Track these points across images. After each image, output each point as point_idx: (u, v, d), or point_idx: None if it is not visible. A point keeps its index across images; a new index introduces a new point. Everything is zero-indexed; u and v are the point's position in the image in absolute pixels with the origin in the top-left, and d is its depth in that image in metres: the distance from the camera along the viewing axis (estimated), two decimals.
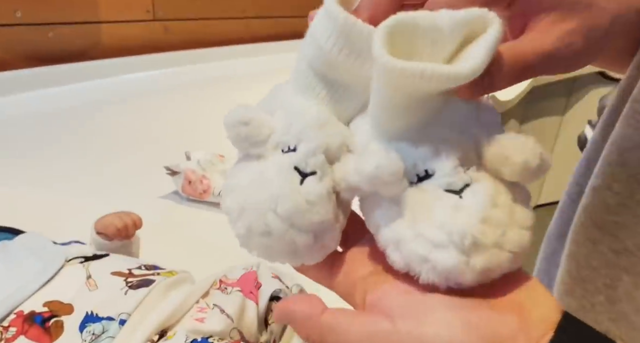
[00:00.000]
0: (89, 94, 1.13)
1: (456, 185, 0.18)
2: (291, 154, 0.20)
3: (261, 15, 1.76)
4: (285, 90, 0.23)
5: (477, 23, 0.17)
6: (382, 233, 0.19)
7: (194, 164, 0.71)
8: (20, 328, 0.37)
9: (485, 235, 0.17)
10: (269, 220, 0.19)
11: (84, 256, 0.44)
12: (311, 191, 0.19)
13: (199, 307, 0.40)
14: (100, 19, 1.25)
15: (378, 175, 0.18)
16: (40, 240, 0.46)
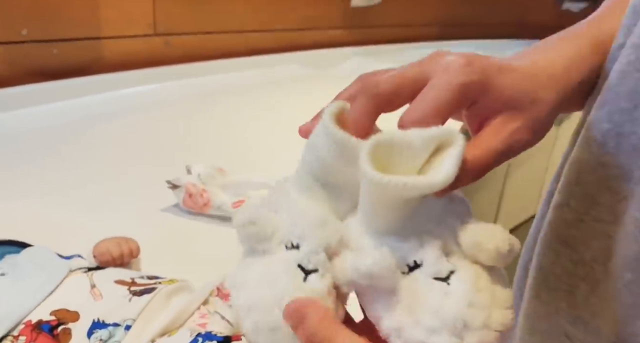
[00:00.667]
0: (92, 108, 1.16)
1: (442, 273, 0.21)
2: (294, 251, 0.24)
3: (260, 29, 1.80)
4: (288, 190, 0.26)
5: (443, 138, 0.21)
6: (384, 323, 0.22)
7: (195, 178, 0.73)
8: (29, 337, 0.39)
9: (474, 318, 0.20)
10: (276, 316, 0.22)
11: (87, 267, 0.46)
12: (314, 288, 0.22)
13: (201, 313, 0.42)
14: (102, 35, 1.29)
15: (374, 272, 0.21)
16: (45, 252, 0.48)
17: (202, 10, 1.55)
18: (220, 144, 1.05)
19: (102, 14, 1.26)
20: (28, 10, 1.09)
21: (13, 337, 0.39)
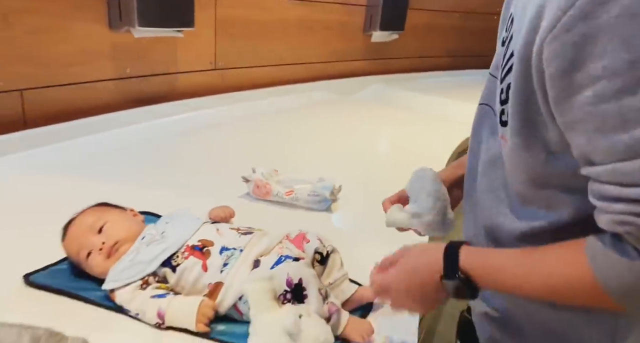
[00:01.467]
0: (174, 125, 1.52)
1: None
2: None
3: (295, 62, 2.16)
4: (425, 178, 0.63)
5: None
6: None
7: (260, 175, 1.07)
8: (189, 253, 0.71)
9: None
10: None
11: (210, 222, 0.79)
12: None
13: (280, 246, 0.73)
14: (177, 70, 1.66)
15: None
16: (187, 212, 0.81)
17: (250, 50, 1.92)
18: (271, 152, 1.40)
19: (178, 55, 1.64)
20: (130, 54, 1.48)
21: (180, 253, 0.71)
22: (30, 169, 1.11)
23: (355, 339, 0.62)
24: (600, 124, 0.36)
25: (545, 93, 0.39)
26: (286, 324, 0.56)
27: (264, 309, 0.59)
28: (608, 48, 0.34)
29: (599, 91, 0.35)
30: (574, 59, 0.36)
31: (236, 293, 0.64)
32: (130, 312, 0.64)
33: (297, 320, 0.57)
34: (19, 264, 0.71)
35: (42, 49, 1.23)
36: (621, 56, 0.34)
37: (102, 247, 0.70)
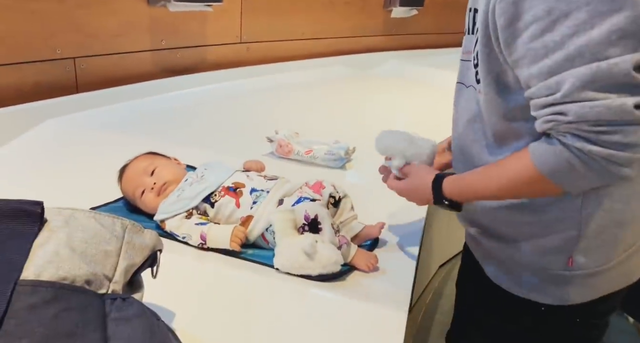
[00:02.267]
0: (203, 95, 1.66)
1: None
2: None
3: (316, 37, 2.26)
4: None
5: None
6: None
7: (282, 136, 1.20)
8: (225, 192, 0.85)
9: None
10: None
11: (242, 170, 0.93)
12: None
13: (300, 190, 0.86)
14: (207, 43, 1.79)
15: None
16: (221, 163, 0.95)
17: (273, 24, 2.03)
18: (290, 119, 1.53)
19: (208, 29, 1.77)
20: (165, 27, 1.61)
21: (217, 192, 0.85)
22: (82, 128, 1.28)
23: (362, 267, 0.73)
24: (533, 56, 0.50)
25: (499, 42, 0.54)
26: (304, 245, 0.69)
27: (286, 235, 0.72)
28: (534, 3, 0.49)
29: (530, 32, 0.50)
30: (514, 12, 0.51)
31: (264, 224, 0.78)
32: (178, 236, 0.79)
33: (313, 243, 0.69)
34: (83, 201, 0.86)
35: (91, 21, 1.37)
36: (541, 7, 0.48)
37: (153, 187, 0.84)
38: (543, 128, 0.52)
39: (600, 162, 0.50)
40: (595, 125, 0.48)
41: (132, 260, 0.48)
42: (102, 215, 0.50)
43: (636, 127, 0.48)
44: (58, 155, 1.13)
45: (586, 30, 0.46)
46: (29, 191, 0.94)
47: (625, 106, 0.46)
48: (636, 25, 0.46)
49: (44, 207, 0.44)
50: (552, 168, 0.52)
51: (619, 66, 0.46)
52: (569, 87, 0.48)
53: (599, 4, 0.46)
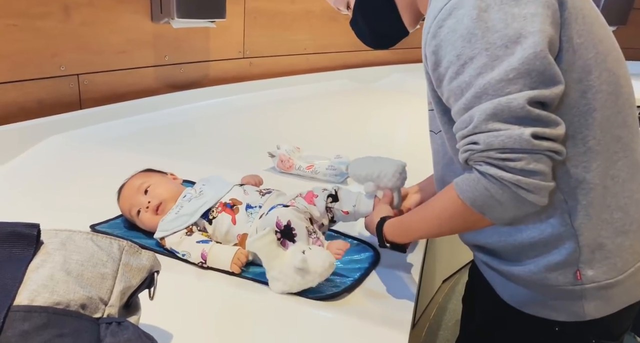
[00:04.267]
0: (205, 109, 1.67)
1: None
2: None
3: (318, 52, 2.27)
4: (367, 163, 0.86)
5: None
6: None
7: (284, 151, 1.20)
8: (222, 209, 0.85)
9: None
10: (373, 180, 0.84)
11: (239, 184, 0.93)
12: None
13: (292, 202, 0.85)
14: (210, 58, 1.81)
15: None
16: (220, 177, 0.95)
17: (276, 40, 2.05)
18: (293, 133, 1.53)
19: (211, 44, 1.79)
20: (169, 43, 1.63)
21: (214, 208, 0.85)
22: (85, 144, 1.29)
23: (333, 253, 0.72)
24: (454, 95, 0.58)
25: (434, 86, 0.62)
26: (295, 264, 0.68)
27: (272, 257, 0.71)
28: (447, 51, 0.57)
29: (449, 75, 0.57)
30: (435, 59, 0.59)
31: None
32: (178, 253, 0.79)
33: (302, 256, 0.68)
34: (85, 218, 0.87)
35: (95, 38, 1.39)
36: (453, 53, 0.56)
37: (148, 205, 0.84)
38: (462, 157, 0.58)
39: (511, 188, 0.54)
40: (502, 153, 0.54)
41: (129, 282, 0.47)
42: (99, 237, 0.50)
43: (537, 156, 0.53)
44: (61, 172, 1.13)
45: (487, 71, 0.54)
46: (31, 208, 0.95)
47: (523, 135, 0.52)
48: (527, 66, 0.53)
49: (40, 229, 0.44)
50: (472, 196, 0.58)
51: (517, 101, 0.52)
52: (477, 120, 0.54)
53: (496, 50, 0.53)
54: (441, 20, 0.56)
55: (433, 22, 0.57)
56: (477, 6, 0.54)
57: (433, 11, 0.58)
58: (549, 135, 0.53)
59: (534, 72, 0.53)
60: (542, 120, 0.53)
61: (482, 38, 0.53)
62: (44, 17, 1.24)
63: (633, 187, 0.61)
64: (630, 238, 0.62)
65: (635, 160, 0.62)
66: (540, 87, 0.53)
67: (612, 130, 0.59)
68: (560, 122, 0.55)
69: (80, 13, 1.32)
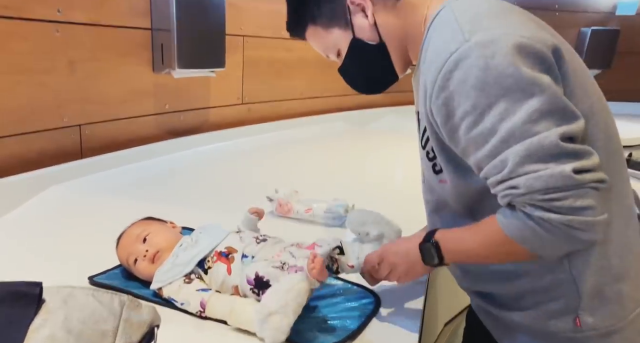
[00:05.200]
0: (206, 153, 1.70)
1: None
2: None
3: (314, 96, 2.35)
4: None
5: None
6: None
7: (282, 195, 1.21)
8: (217, 258, 0.84)
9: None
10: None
11: (235, 231, 0.93)
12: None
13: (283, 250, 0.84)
14: (209, 105, 1.86)
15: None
16: (217, 225, 0.95)
17: (273, 86, 2.12)
18: (292, 176, 1.55)
19: (211, 92, 1.85)
20: (169, 92, 1.68)
21: (210, 257, 0.85)
22: (85, 193, 1.30)
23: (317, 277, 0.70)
24: (475, 143, 0.57)
25: (444, 137, 0.62)
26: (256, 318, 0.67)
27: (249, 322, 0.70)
28: (460, 102, 0.56)
29: (465, 125, 0.57)
30: (446, 112, 0.58)
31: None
32: (177, 302, 0.78)
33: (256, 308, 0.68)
34: (84, 268, 0.87)
35: (98, 90, 1.44)
36: (467, 103, 0.56)
37: (146, 254, 0.84)
38: (504, 202, 0.57)
39: (562, 229, 0.53)
40: (545, 194, 0.52)
41: (129, 338, 0.47)
42: (100, 292, 0.50)
43: (583, 190, 0.52)
44: (61, 222, 1.13)
45: (509, 116, 0.54)
46: (31, 260, 0.94)
47: (564, 172, 0.51)
48: (548, 105, 0.53)
49: (43, 287, 0.44)
50: (522, 236, 0.56)
51: (548, 139, 0.52)
52: (512, 164, 0.53)
53: (514, 94, 0.53)
54: (448, 72, 0.56)
55: (438, 75, 0.57)
56: (483, 55, 0.54)
57: (435, 63, 0.58)
58: (590, 167, 0.53)
59: (557, 110, 0.53)
60: (578, 153, 0.53)
61: (496, 85, 0.53)
62: (49, 72, 1.29)
63: (628, 233, 0.62)
64: (629, 285, 0.62)
65: (628, 206, 0.63)
66: (565, 123, 0.53)
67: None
68: (593, 152, 0.54)
69: (84, 67, 1.38)
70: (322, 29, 0.75)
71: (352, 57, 0.76)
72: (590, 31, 3.10)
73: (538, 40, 0.55)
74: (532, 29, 0.57)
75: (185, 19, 1.54)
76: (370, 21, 0.71)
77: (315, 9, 0.74)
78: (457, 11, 0.60)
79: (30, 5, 1.20)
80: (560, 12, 3.07)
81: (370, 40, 0.73)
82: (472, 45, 0.55)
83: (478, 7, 0.60)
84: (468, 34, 0.56)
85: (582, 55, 3.10)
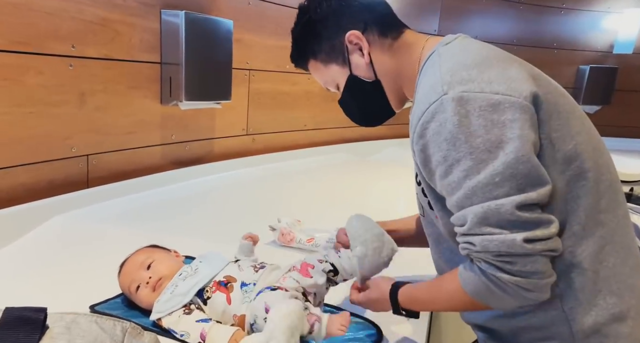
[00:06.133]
0: (210, 183, 1.72)
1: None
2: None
3: (317, 128, 2.39)
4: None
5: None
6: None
7: (284, 224, 1.22)
8: (216, 288, 0.84)
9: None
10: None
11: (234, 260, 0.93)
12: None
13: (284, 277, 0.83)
14: (214, 136, 1.90)
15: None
16: (217, 254, 0.95)
17: (277, 117, 2.17)
18: (295, 205, 1.56)
19: (216, 123, 1.89)
20: (176, 123, 1.72)
21: (209, 287, 0.84)
22: (89, 222, 1.31)
23: (337, 334, 0.71)
24: (447, 190, 0.60)
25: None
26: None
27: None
28: (434, 151, 0.60)
29: (438, 173, 0.61)
30: (424, 157, 0.62)
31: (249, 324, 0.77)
32: (176, 333, 0.77)
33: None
34: (86, 297, 0.87)
35: (106, 121, 1.48)
36: (439, 154, 0.59)
37: (149, 281, 0.84)
38: (464, 254, 0.61)
39: (512, 288, 0.56)
40: (498, 256, 0.55)
41: None
42: (103, 319, 0.50)
43: (532, 258, 0.55)
44: (64, 251, 1.14)
45: (474, 174, 0.56)
46: (35, 289, 0.94)
47: (515, 241, 0.54)
48: (511, 170, 0.55)
49: (47, 313, 0.45)
50: (476, 290, 0.60)
51: (505, 207, 0.55)
52: (470, 222, 0.57)
53: (480, 154, 0.56)
54: (425, 122, 0.59)
55: (418, 122, 0.61)
56: (457, 112, 0.56)
57: (418, 110, 0.61)
58: (542, 237, 0.55)
59: (519, 176, 0.55)
60: (534, 223, 0.55)
61: (466, 142, 0.56)
62: (60, 104, 1.33)
63: (625, 270, 0.61)
64: (629, 326, 0.60)
65: (626, 244, 0.63)
66: (527, 190, 0.55)
67: (596, 216, 0.60)
68: (553, 220, 0.56)
69: (94, 99, 1.42)
70: (322, 64, 0.79)
71: (349, 92, 0.80)
72: (589, 68, 3.17)
73: (513, 93, 0.57)
74: (511, 81, 0.58)
75: (193, 54, 1.60)
76: (366, 60, 0.74)
77: (316, 44, 0.77)
78: (442, 58, 0.63)
79: (46, 41, 1.26)
80: (558, 50, 3.16)
81: (366, 77, 0.76)
82: (448, 99, 0.57)
83: (461, 56, 0.63)
84: (446, 86, 0.58)
85: (581, 91, 3.16)
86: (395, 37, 0.75)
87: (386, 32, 0.74)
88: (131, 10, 1.48)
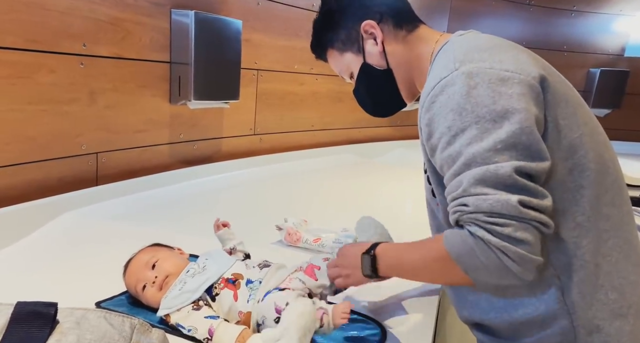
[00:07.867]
0: (218, 182, 1.73)
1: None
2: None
3: (324, 128, 2.39)
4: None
5: None
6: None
7: (291, 224, 1.22)
8: (224, 284, 0.85)
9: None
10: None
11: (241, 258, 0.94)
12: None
13: (290, 277, 0.84)
14: (222, 135, 1.91)
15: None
16: (222, 251, 0.96)
17: (284, 118, 2.17)
18: (302, 205, 1.56)
19: (223, 122, 1.90)
20: (184, 122, 1.74)
21: (217, 284, 0.85)
22: (97, 219, 1.32)
23: (341, 323, 0.72)
24: (447, 163, 0.61)
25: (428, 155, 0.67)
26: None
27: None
28: (439, 123, 0.61)
29: (441, 146, 0.62)
30: (429, 131, 0.64)
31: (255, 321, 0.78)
32: (184, 328, 0.78)
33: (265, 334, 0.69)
34: (93, 293, 0.88)
35: (116, 119, 1.49)
36: (444, 125, 0.60)
37: (155, 280, 0.84)
38: (452, 219, 0.61)
39: (496, 253, 0.55)
40: (490, 216, 0.55)
41: None
42: (112, 315, 0.51)
43: (524, 224, 0.55)
44: (74, 248, 1.15)
45: (476, 142, 0.58)
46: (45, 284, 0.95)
47: (510, 201, 0.54)
48: (513, 139, 0.56)
49: (58, 308, 0.46)
50: (458, 252, 0.59)
51: (504, 169, 0.56)
52: (466, 184, 0.58)
53: (485, 123, 0.58)
54: (434, 96, 0.61)
55: (427, 97, 0.63)
56: (467, 84, 0.59)
57: (426, 88, 0.64)
58: (536, 205, 0.55)
59: (520, 145, 0.56)
60: (529, 190, 0.55)
61: (472, 112, 0.58)
62: (71, 102, 1.35)
63: (628, 267, 0.61)
64: (630, 324, 0.60)
65: (629, 241, 0.63)
66: (526, 160, 0.56)
67: (601, 209, 0.61)
68: (547, 195, 0.57)
69: (104, 97, 1.44)
70: (338, 52, 0.83)
71: (361, 80, 0.84)
72: (599, 71, 3.14)
73: (522, 72, 0.59)
74: (521, 63, 0.61)
75: (203, 53, 1.61)
76: (379, 49, 0.78)
77: (334, 34, 0.82)
78: (456, 44, 0.66)
79: (58, 39, 1.28)
80: (569, 52, 3.13)
81: (379, 66, 0.79)
82: (459, 73, 0.60)
83: (476, 41, 0.66)
84: (458, 64, 0.61)
85: (591, 94, 3.13)
86: (410, 30, 0.79)
87: (401, 24, 0.78)
88: (142, 10, 1.49)
